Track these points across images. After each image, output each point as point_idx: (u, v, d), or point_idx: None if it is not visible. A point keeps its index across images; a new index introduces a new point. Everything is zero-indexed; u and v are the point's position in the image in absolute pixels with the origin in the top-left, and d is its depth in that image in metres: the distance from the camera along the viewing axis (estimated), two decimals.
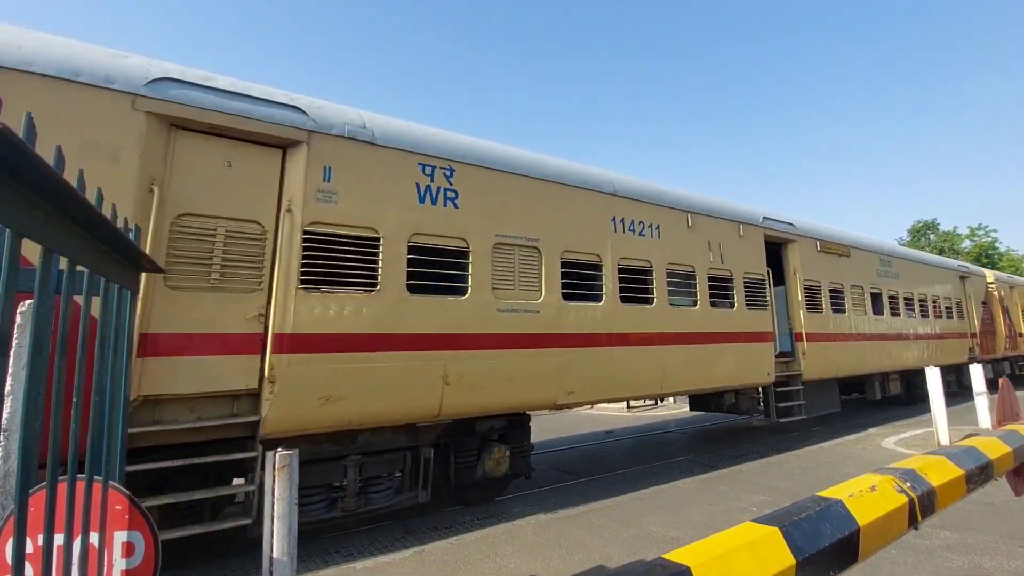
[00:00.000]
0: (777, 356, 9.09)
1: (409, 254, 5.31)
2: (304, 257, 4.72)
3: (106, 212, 1.50)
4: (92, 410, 1.74)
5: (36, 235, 1.11)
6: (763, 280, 9.09)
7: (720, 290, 8.33)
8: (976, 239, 43.17)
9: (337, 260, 4.91)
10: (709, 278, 8.11)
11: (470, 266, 5.67)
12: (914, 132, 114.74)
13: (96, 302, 1.65)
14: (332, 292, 4.83)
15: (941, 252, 38.49)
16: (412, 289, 5.29)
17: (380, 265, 5.12)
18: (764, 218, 9.51)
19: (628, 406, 14.40)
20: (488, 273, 5.79)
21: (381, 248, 5.16)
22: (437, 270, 5.47)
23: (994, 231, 43.46)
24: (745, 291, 8.67)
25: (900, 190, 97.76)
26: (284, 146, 4.86)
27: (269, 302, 4.56)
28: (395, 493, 5.47)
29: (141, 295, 3.64)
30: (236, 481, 4.61)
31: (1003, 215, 77.12)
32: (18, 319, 1.75)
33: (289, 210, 4.71)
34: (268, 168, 4.76)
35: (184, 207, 4.31)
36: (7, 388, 1.68)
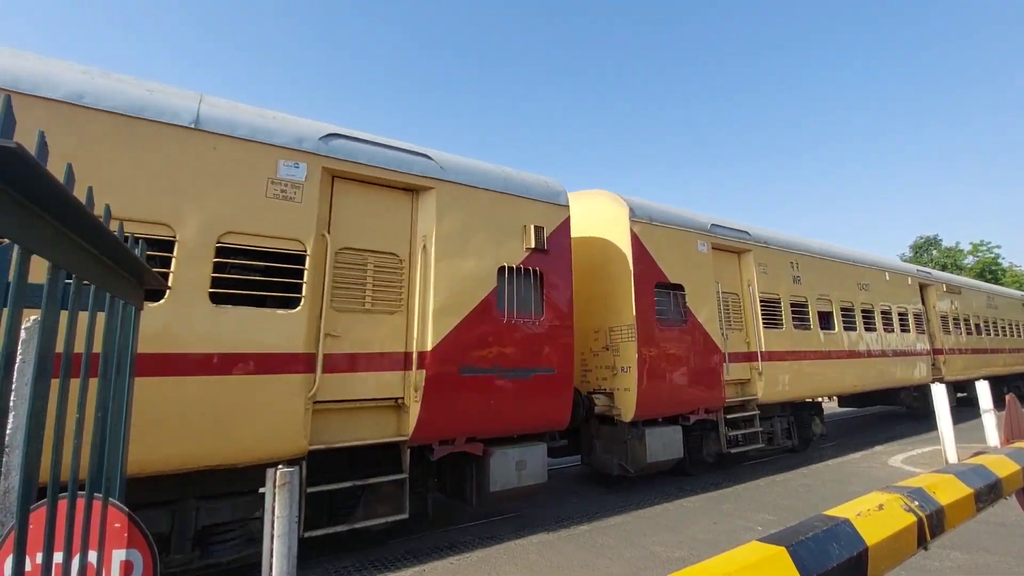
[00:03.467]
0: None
1: None
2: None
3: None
4: (94, 427, 1.74)
5: (45, 251, 1.12)
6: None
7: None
8: (979, 255, 43.11)
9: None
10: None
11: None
12: (916, 147, 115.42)
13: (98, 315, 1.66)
14: None
15: (944, 268, 38.42)
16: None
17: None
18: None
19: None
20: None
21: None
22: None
23: (997, 247, 43.34)
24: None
25: (901, 206, 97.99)
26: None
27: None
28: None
29: None
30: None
31: (1006, 231, 77.17)
32: (22, 334, 1.76)
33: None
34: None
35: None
36: (10, 403, 1.68)
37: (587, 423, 7.72)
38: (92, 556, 1.62)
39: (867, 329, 11.39)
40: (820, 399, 10.80)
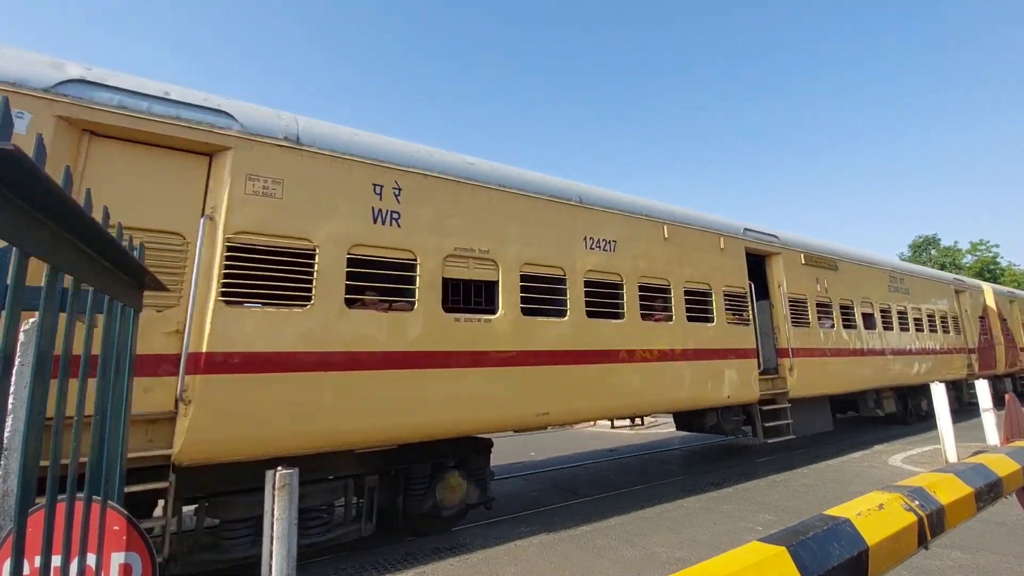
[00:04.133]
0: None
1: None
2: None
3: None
4: (92, 429, 1.73)
5: (43, 254, 1.12)
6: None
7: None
8: (977, 254, 43.18)
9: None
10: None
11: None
12: (915, 146, 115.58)
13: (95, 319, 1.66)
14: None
15: (943, 267, 38.47)
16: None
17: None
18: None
19: (612, 425, 13.95)
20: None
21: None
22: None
23: (996, 246, 43.44)
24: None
25: (900, 206, 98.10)
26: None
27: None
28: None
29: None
30: None
31: (1005, 230, 77.24)
32: (21, 336, 1.75)
33: None
34: None
35: None
36: (8, 406, 1.67)
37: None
38: (91, 559, 1.62)
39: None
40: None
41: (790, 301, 9.49)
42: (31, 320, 1.66)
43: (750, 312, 8.74)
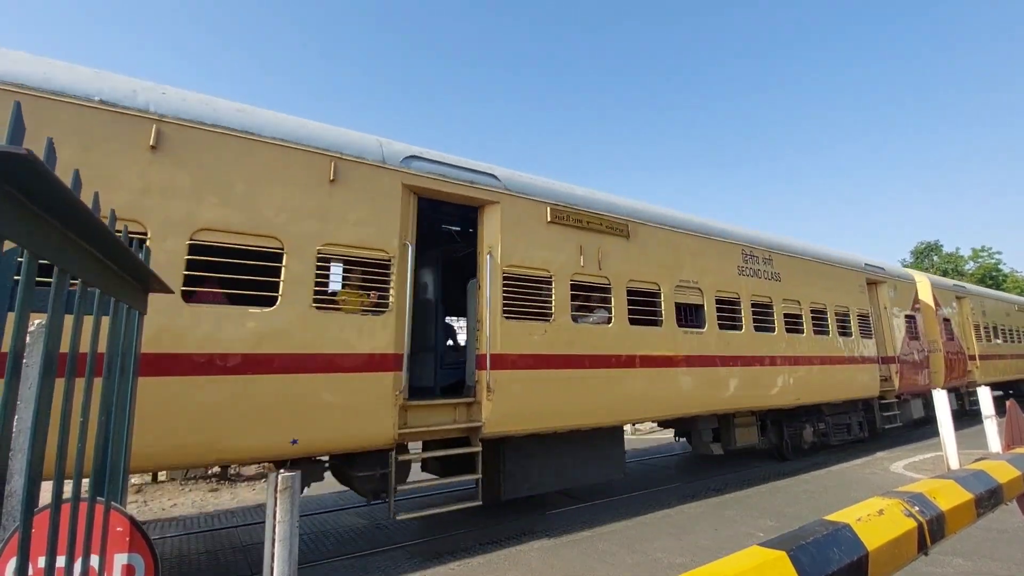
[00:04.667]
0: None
1: None
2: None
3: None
4: (97, 431, 1.74)
5: (51, 256, 1.14)
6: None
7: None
8: (980, 261, 43.11)
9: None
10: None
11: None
12: (918, 152, 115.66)
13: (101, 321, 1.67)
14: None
15: (944, 274, 38.40)
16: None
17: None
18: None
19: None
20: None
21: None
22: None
23: (998, 253, 43.35)
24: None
25: (902, 212, 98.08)
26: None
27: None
28: None
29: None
30: None
31: (1008, 237, 77.17)
32: (28, 337, 1.77)
33: None
34: None
35: None
36: (16, 406, 1.68)
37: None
38: (94, 560, 1.62)
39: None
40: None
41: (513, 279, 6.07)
42: (37, 321, 1.67)
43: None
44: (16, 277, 1.10)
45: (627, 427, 10.60)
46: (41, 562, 1.45)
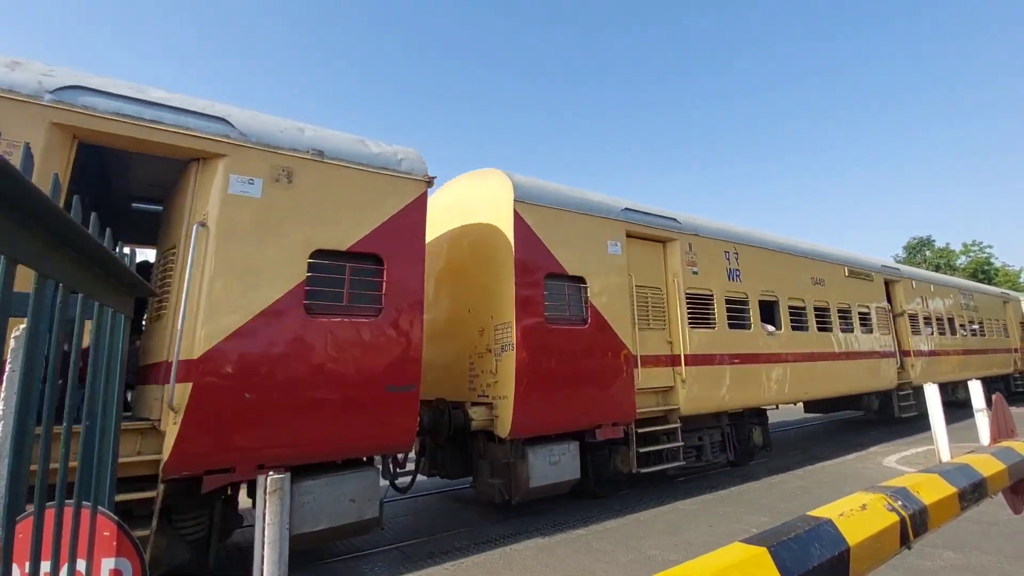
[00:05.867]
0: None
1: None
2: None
3: None
4: (82, 434, 1.74)
5: (32, 262, 1.13)
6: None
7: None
8: (971, 255, 43.43)
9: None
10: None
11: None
12: (909, 147, 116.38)
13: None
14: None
15: (937, 268, 38.66)
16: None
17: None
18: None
19: None
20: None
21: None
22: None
23: (989, 247, 43.68)
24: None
25: (894, 207, 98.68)
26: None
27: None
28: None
29: None
30: None
31: (999, 231, 77.77)
32: (11, 343, 1.76)
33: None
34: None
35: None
36: None
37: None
38: (81, 565, 1.62)
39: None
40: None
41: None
42: (20, 326, 1.67)
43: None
44: None
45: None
46: (28, 567, 1.44)
